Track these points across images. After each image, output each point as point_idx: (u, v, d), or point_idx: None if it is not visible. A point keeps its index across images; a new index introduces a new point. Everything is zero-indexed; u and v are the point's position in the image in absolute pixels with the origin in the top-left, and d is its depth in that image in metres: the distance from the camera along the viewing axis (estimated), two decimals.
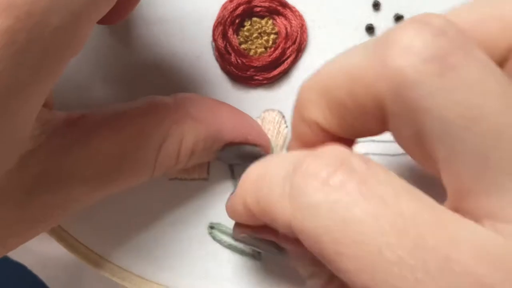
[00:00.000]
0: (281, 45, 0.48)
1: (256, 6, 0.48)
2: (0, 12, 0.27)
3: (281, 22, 0.48)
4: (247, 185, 0.35)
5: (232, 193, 0.40)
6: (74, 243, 0.48)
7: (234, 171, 0.48)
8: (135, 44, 0.49)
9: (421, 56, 0.28)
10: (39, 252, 0.52)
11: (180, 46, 0.49)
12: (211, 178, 0.48)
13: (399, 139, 0.34)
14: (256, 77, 0.48)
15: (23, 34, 0.28)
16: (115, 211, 0.48)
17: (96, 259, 0.47)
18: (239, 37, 0.49)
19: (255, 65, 0.48)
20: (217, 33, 0.48)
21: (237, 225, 0.41)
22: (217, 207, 0.48)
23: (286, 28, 0.48)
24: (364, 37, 0.48)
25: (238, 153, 0.45)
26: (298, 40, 0.48)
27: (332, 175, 0.29)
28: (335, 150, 0.31)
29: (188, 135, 0.42)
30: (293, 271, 0.47)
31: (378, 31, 0.48)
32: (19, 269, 0.54)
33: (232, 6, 0.48)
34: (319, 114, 0.35)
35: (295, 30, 0.48)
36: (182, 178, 0.48)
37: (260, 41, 0.49)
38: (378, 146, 0.48)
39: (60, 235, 0.47)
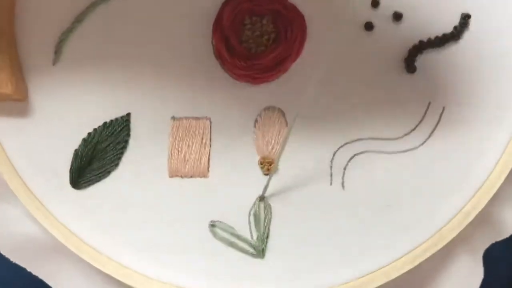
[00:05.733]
0: (281, 43, 0.48)
1: (257, 5, 0.48)
2: None
3: (281, 20, 0.49)
4: None
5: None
6: (80, 244, 0.48)
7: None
8: (135, 44, 0.49)
9: None
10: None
11: (180, 46, 0.49)
12: (211, 176, 0.49)
13: None
14: (257, 76, 0.48)
15: None
16: (117, 210, 0.48)
17: (101, 258, 0.48)
18: (239, 35, 0.49)
19: (256, 63, 0.48)
20: (218, 32, 0.48)
21: None
22: (218, 205, 0.48)
23: (286, 27, 0.48)
24: (363, 34, 0.48)
25: None
26: (298, 38, 0.48)
27: None
28: None
29: None
30: (294, 269, 0.48)
31: (377, 29, 0.48)
32: None
33: (232, 5, 0.48)
34: None
35: (295, 28, 0.48)
36: (182, 176, 0.49)
37: (260, 40, 0.49)
38: (376, 144, 0.48)
39: (69, 239, 0.48)
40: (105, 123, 0.49)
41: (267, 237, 0.48)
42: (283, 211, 0.48)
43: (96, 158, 0.49)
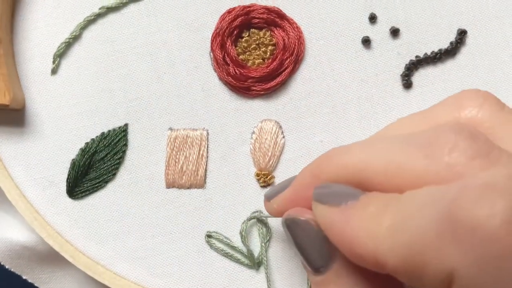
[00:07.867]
0: (278, 56, 0.49)
1: (254, 17, 0.49)
2: None
3: (279, 33, 0.49)
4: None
5: None
6: (75, 253, 0.48)
7: None
8: (133, 55, 0.49)
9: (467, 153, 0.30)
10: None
11: (178, 56, 0.49)
12: (208, 187, 0.49)
13: None
14: (254, 88, 0.49)
15: None
16: (113, 220, 0.49)
17: (96, 268, 0.48)
18: (237, 48, 0.49)
19: (253, 75, 0.49)
20: (215, 44, 0.49)
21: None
22: (215, 216, 0.49)
23: (283, 40, 0.49)
24: (361, 49, 0.49)
25: None
26: (295, 51, 0.49)
27: None
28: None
29: None
30: (289, 282, 0.48)
31: (374, 44, 0.49)
32: None
33: (230, 17, 0.49)
34: None
35: (292, 41, 0.49)
36: (179, 187, 0.49)
37: (258, 52, 0.49)
38: None
39: (65, 248, 0.48)
40: (102, 133, 0.49)
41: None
42: (279, 223, 0.48)
43: (93, 168, 0.49)
